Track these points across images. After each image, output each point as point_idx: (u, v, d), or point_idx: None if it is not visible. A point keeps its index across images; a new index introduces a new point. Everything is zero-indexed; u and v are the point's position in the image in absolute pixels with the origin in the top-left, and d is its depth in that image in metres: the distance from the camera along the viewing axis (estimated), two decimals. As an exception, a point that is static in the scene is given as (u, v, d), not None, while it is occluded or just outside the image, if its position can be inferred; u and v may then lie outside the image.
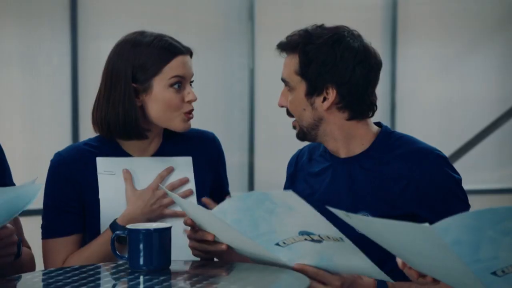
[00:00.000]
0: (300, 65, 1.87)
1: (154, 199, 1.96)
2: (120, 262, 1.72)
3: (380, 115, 5.22)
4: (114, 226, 1.93)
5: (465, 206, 1.85)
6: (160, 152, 2.08)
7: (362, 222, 1.39)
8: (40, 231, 2.04)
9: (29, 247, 1.98)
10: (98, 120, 2.02)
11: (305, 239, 1.59)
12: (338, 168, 1.95)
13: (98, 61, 4.53)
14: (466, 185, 1.89)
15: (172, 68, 1.98)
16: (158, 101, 1.99)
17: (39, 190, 1.64)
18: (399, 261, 1.47)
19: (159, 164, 2.05)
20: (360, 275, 1.70)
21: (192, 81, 2.05)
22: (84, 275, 1.59)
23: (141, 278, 1.57)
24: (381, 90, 5.71)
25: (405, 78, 5.35)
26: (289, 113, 1.94)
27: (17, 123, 4.50)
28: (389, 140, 1.93)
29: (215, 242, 1.73)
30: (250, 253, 1.71)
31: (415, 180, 1.84)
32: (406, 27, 5.36)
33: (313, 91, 1.88)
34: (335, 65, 1.86)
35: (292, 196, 1.50)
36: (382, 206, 1.85)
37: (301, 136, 1.95)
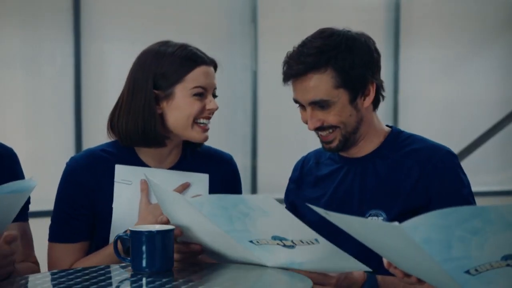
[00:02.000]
0: (339, 77, 1.86)
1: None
2: (123, 264, 1.72)
3: (383, 117, 5.23)
4: None
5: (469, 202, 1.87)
6: (177, 165, 2.06)
7: (340, 220, 1.40)
8: (43, 235, 2.04)
9: (36, 263, 1.97)
10: (117, 127, 2.00)
11: (278, 244, 1.60)
12: (350, 168, 1.97)
13: (101, 62, 4.58)
14: (469, 187, 1.90)
15: (194, 78, 1.96)
16: (179, 108, 1.97)
17: (34, 185, 1.63)
18: (385, 260, 1.48)
19: (177, 178, 2.03)
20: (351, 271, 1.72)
21: (216, 96, 2.03)
22: (87, 277, 1.59)
23: (144, 280, 1.57)
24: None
25: (407, 80, 5.35)
26: (328, 127, 1.91)
27: (20, 124, 4.50)
28: (399, 139, 1.96)
29: (188, 243, 1.74)
30: (222, 248, 1.71)
31: (426, 175, 1.87)
32: (409, 28, 5.36)
33: (356, 94, 1.89)
34: (369, 61, 1.90)
35: (268, 201, 1.51)
36: (395, 203, 1.87)
37: (340, 146, 1.93)
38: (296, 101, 1.93)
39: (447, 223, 1.23)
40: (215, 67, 2.04)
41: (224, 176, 2.10)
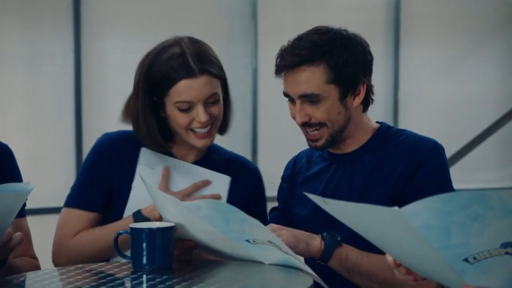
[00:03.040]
0: (331, 73, 1.86)
1: None
2: (123, 261, 1.72)
3: (383, 115, 5.24)
4: (137, 215, 1.94)
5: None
6: (201, 161, 2.08)
7: (337, 207, 1.39)
8: (42, 232, 2.04)
9: (35, 258, 1.97)
10: (133, 126, 2.04)
11: (273, 246, 1.62)
12: (339, 164, 1.98)
13: (101, 61, 4.58)
14: (468, 185, 1.91)
15: (177, 92, 1.95)
16: (170, 118, 1.99)
17: (31, 188, 1.62)
18: (389, 259, 1.47)
19: (198, 173, 2.05)
20: (314, 236, 1.78)
21: (215, 100, 1.98)
22: (86, 274, 1.59)
23: (144, 277, 1.57)
24: (384, 90, 5.73)
25: (407, 78, 5.35)
26: (316, 124, 1.91)
27: (20, 123, 4.50)
28: (388, 133, 1.97)
29: (183, 239, 1.74)
30: (218, 249, 1.72)
31: (410, 165, 1.87)
32: (409, 27, 5.36)
33: (347, 92, 1.89)
34: (362, 61, 1.90)
35: (259, 225, 1.56)
36: (381, 195, 1.87)
37: (327, 144, 1.93)
38: (286, 95, 1.93)
39: (447, 209, 1.22)
40: (213, 74, 1.97)
41: (245, 188, 2.10)
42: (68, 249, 1.99)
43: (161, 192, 1.73)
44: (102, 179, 2.02)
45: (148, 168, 2.04)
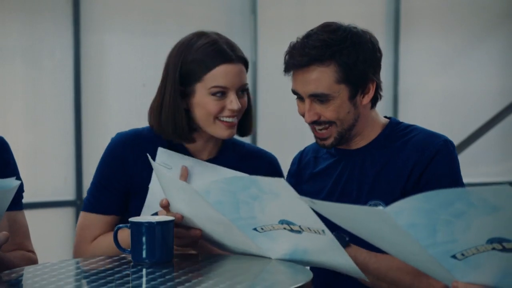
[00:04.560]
0: (341, 73, 1.85)
1: None
2: (123, 254, 1.72)
3: (383, 109, 5.23)
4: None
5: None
6: (216, 159, 2.06)
7: (325, 208, 1.40)
8: (41, 225, 2.04)
9: (32, 252, 1.96)
10: (153, 119, 2.02)
11: (284, 228, 1.59)
12: (348, 160, 1.96)
13: (101, 55, 4.58)
14: (469, 179, 1.90)
15: (214, 77, 1.94)
16: (199, 106, 1.96)
17: (17, 184, 1.61)
18: None
19: (215, 172, 2.01)
20: None
21: (245, 90, 1.98)
22: (86, 268, 1.60)
23: (144, 271, 1.57)
24: (384, 84, 5.69)
25: (407, 72, 5.35)
26: (325, 123, 1.90)
27: (20, 118, 4.50)
28: (397, 129, 1.96)
29: (189, 227, 1.73)
30: (224, 239, 1.71)
31: (421, 162, 1.86)
32: (409, 20, 5.35)
33: (356, 91, 1.88)
34: (372, 59, 1.89)
35: (281, 184, 1.50)
36: (393, 192, 1.86)
37: (335, 143, 1.92)
38: (294, 92, 1.92)
39: (430, 207, 1.23)
40: (246, 64, 1.99)
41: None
42: (88, 254, 1.97)
43: (170, 176, 1.72)
44: (117, 181, 2.00)
45: (165, 169, 2.01)
